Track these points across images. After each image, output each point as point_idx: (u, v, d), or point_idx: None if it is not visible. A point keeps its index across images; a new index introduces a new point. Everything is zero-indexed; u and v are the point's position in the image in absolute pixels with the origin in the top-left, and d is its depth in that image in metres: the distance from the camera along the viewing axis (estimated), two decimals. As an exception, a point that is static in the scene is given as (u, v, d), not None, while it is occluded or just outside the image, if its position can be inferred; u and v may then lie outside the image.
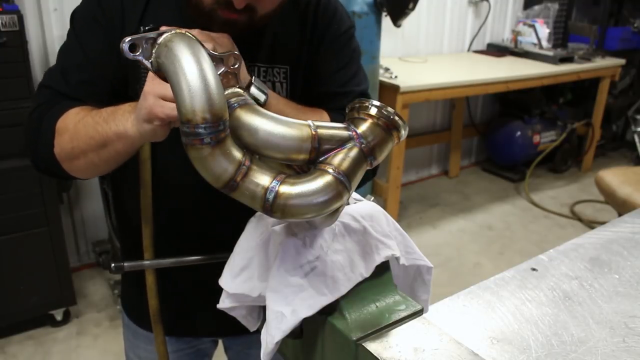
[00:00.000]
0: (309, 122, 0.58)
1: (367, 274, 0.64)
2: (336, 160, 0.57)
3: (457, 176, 4.37)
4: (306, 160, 0.57)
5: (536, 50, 4.00)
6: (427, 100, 3.31)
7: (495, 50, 4.19)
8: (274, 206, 0.54)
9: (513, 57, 4.04)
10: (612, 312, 0.86)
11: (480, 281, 0.94)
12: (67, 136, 0.84)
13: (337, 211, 0.60)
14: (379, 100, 0.61)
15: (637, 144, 4.77)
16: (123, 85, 0.92)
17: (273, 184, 0.54)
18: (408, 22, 2.94)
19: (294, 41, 0.97)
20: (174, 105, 0.65)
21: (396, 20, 2.71)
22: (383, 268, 0.66)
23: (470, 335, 0.80)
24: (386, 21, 2.76)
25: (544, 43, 4.07)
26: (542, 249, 1.03)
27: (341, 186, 0.56)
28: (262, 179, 0.54)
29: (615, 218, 1.28)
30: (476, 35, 4.20)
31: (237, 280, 0.70)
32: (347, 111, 0.62)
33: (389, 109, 0.59)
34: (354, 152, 0.58)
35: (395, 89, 2.94)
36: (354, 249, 0.64)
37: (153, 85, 0.69)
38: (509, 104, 4.36)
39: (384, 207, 2.12)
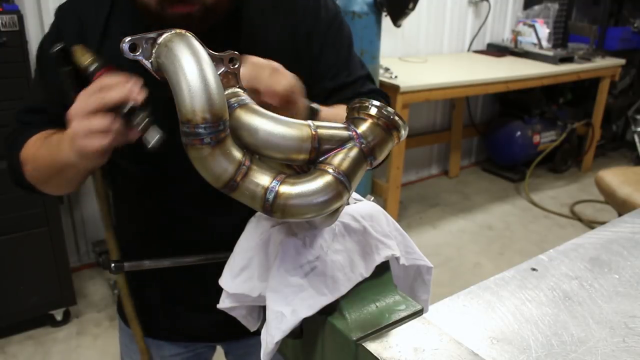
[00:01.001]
0: (309, 122, 0.58)
1: (367, 274, 0.64)
2: (336, 160, 0.57)
3: (457, 176, 4.37)
4: (306, 160, 0.57)
5: (536, 50, 4.00)
6: (427, 100, 3.31)
7: (495, 50, 4.19)
8: (274, 206, 0.54)
9: (513, 57, 4.04)
10: (612, 312, 0.86)
11: (480, 281, 0.94)
12: (29, 166, 0.89)
13: (337, 211, 0.60)
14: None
15: (637, 144, 4.77)
16: None
17: (273, 184, 0.54)
18: (408, 22, 2.94)
19: (276, 33, 0.93)
20: (103, 132, 0.69)
21: (396, 20, 2.71)
22: (383, 268, 0.66)
23: (470, 335, 0.80)
24: (386, 21, 2.76)
25: (544, 43, 4.07)
26: (542, 249, 1.03)
27: (341, 186, 0.56)
28: (262, 179, 0.54)
29: (615, 218, 1.28)
30: (476, 35, 4.20)
31: (237, 280, 0.70)
32: (346, 111, 0.62)
33: (389, 109, 0.59)
34: (354, 152, 0.58)
35: (395, 89, 2.94)
36: (354, 249, 0.65)
37: (75, 106, 0.70)
38: (509, 104, 4.36)
39: (384, 207, 2.12)
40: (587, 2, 4.79)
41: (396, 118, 0.59)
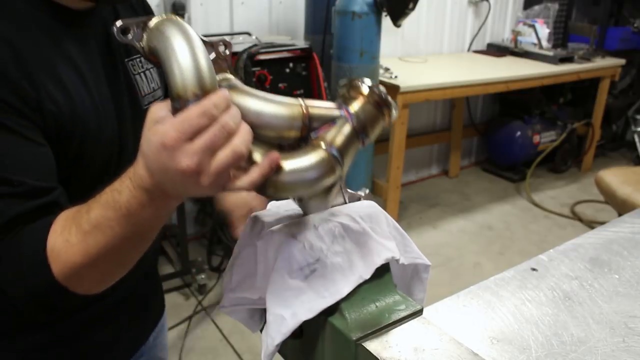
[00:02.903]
0: (300, 100, 0.59)
1: (366, 276, 0.64)
2: (329, 136, 0.58)
3: (457, 176, 4.37)
4: (297, 137, 0.58)
5: (536, 50, 4.00)
6: (427, 100, 3.31)
7: (495, 50, 4.19)
8: (266, 182, 0.54)
9: (513, 57, 4.04)
10: (612, 312, 0.86)
11: (480, 281, 0.94)
12: (83, 268, 0.63)
13: (330, 192, 0.61)
14: None
15: (637, 144, 4.77)
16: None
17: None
18: (408, 22, 2.94)
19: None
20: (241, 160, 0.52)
21: (396, 20, 2.71)
22: (383, 268, 0.66)
23: (470, 335, 0.80)
24: (386, 21, 2.76)
25: (544, 43, 4.07)
26: (542, 249, 1.03)
27: (334, 161, 0.56)
28: (254, 156, 0.55)
29: (615, 218, 1.28)
30: (476, 35, 4.20)
31: (237, 283, 0.70)
32: (338, 90, 0.63)
33: (381, 87, 0.60)
34: (346, 129, 0.59)
35: (395, 89, 2.94)
36: (353, 250, 0.64)
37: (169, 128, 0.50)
38: (509, 104, 4.36)
39: (384, 207, 2.11)
40: (587, 2, 4.79)
41: (388, 97, 0.60)
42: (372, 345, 0.58)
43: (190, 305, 2.65)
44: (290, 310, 0.61)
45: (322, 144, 0.57)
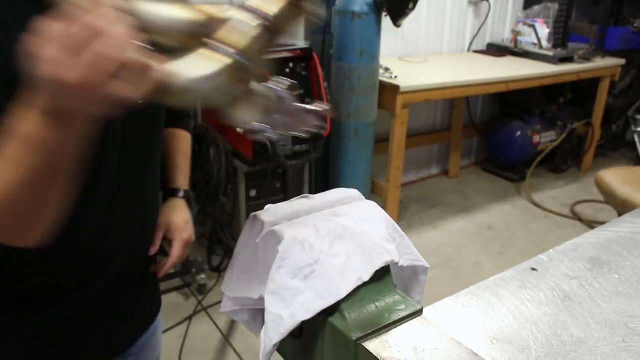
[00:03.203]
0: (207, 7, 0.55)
1: (366, 278, 0.63)
2: (221, 34, 0.53)
3: (457, 176, 4.37)
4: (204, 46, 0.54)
5: (536, 50, 4.00)
6: (427, 100, 3.31)
7: (495, 50, 4.19)
8: (160, 90, 0.50)
9: (513, 57, 4.04)
10: (612, 312, 0.86)
11: (480, 281, 0.94)
12: None
13: (252, 97, 0.57)
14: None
15: (637, 144, 4.77)
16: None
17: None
18: (408, 22, 2.94)
19: None
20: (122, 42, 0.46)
21: (396, 20, 2.71)
22: (383, 269, 0.66)
23: (470, 335, 0.80)
24: (386, 21, 2.76)
25: (544, 43, 4.07)
26: (542, 249, 1.03)
27: (234, 63, 0.51)
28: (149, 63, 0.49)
29: (615, 218, 1.28)
30: (476, 35, 4.20)
31: (237, 284, 0.70)
32: None
33: None
34: (241, 23, 0.54)
35: (395, 89, 2.94)
36: (353, 252, 0.64)
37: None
38: (509, 104, 4.36)
39: (384, 207, 2.12)
40: (587, 2, 4.79)
41: None
42: (372, 345, 0.58)
43: (190, 305, 2.65)
44: (288, 311, 0.61)
45: (220, 47, 0.53)
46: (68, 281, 0.88)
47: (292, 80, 0.64)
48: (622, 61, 4.23)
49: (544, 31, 4.10)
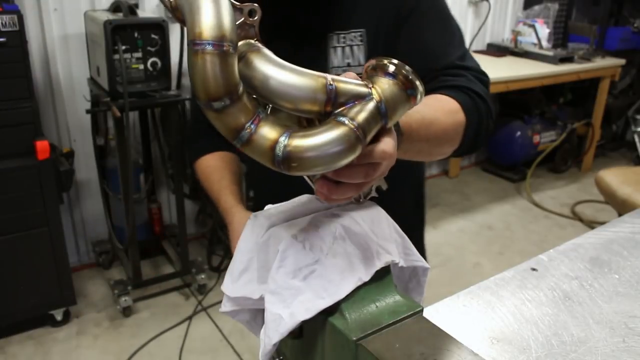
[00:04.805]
0: (326, 74, 0.56)
1: (366, 279, 0.63)
2: (352, 112, 0.55)
3: (457, 176, 4.37)
4: (321, 112, 0.56)
5: (536, 50, 4.00)
6: (427, 100, 3.31)
7: (495, 50, 4.19)
8: (285, 159, 0.52)
9: (513, 57, 4.04)
10: (612, 312, 0.86)
11: (480, 281, 0.94)
12: (200, 177, 1.05)
13: None
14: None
15: (637, 144, 4.77)
16: None
17: (283, 137, 0.52)
18: (408, 22, 2.94)
19: (374, 3, 0.96)
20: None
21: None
22: (384, 269, 0.66)
23: (470, 335, 0.80)
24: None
25: (544, 43, 4.07)
26: (542, 249, 1.03)
27: (356, 138, 0.54)
28: (271, 132, 0.53)
29: (615, 218, 1.28)
30: (476, 35, 4.20)
31: (237, 284, 0.70)
32: (365, 69, 0.61)
33: (408, 68, 0.58)
34: (370, 106, 0.56)
35: (395, 89, 2.94)
36: (354, 252, 0.64)
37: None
38: (509, 104, 4.36)
39: (384, 207, 2.10)
40: (587, 2, 4.79)
41: (415, 80, 0.58)
42: (372, 346, 0.58)
43: (190, 305, 2.65)
44: (288, 310, 0.61)
45: (345, 120, 0.54)
46: None
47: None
48: (622, 61, 4.23)
49: (544, 31, 4.10)
